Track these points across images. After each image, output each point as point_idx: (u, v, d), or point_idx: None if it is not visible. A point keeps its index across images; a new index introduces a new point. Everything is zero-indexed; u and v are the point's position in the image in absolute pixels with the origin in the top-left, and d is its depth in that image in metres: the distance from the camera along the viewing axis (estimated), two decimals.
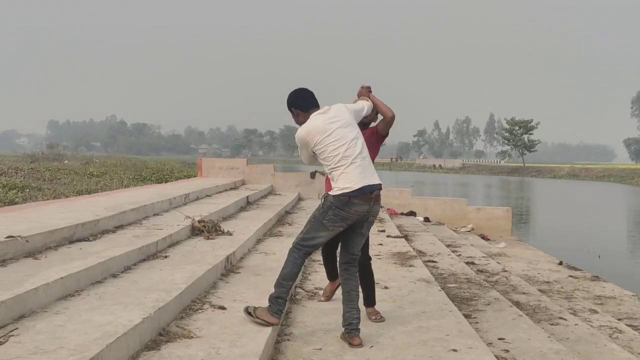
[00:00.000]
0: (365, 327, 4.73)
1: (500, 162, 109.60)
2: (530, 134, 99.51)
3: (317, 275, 6.52)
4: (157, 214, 8.42)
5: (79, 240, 5.92)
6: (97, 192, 10.97)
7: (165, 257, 5.96)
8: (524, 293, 7.51)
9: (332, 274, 5.29)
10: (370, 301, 4.98)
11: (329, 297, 5.42)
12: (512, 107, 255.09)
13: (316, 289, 5.89)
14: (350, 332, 4.25)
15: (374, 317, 4.87)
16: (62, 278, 4.29)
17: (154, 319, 3.92)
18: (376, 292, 5.88)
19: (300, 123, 4.36)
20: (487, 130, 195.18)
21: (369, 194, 4.12)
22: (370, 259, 4.97)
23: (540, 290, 8.03)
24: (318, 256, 7.75)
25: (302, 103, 4.38)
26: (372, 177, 4.15)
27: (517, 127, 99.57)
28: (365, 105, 4.59)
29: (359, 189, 4.09)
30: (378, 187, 4.16)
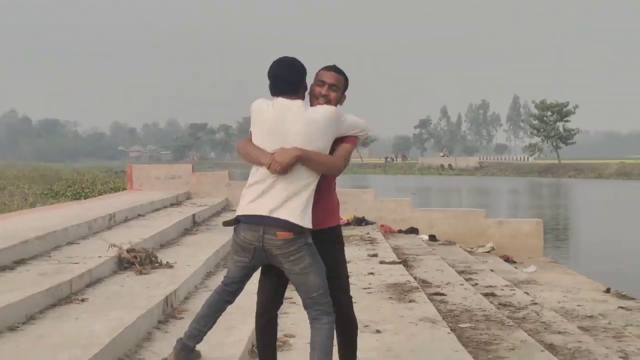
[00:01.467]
0: None
1: (528, 158, 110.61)
2: (567, 120, 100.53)
3: (288, 319, 6.51)
4: (72, 243, 8.35)
5: None
6: None
7: (83, 300, 5.90)
8: (559, 332, 7.56)
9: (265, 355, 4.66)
10: None
11: None
12: (542, 87, 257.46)
13: (286, 336, 5.88)
14: None
15: None
16: None
17: None
18: (365, 339, 5.91)
19: None
20: (511, 117, 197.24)
21: (258, 228, 4.16)
22: (349, 300, 4.58)
23: (581, 328, 8.08)
24: (288, 292, 7.74)
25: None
26: (269, 205, 4.14)
27: (549, 113, 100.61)
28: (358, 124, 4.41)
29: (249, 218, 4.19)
30: (272, 219, 4.11)
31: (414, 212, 16.37)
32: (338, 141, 4.31)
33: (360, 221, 15.03)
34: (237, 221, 4.26)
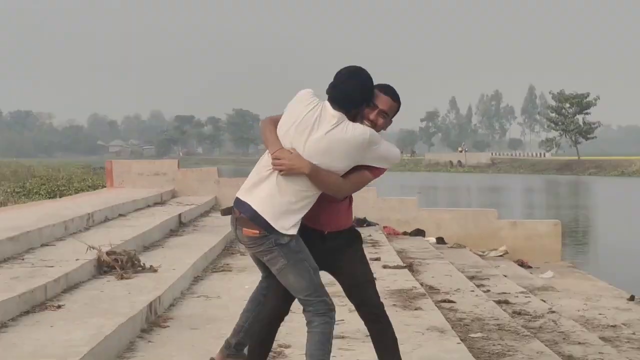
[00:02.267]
0: None
1: (544, 154, 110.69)
2: (587, 113, 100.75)
3: (283, 328, 6.48)
4: (47, 244, 8.35)
5: None
6: None
7: (59, 307, 5.91)
8: (579, 343, 7.55)
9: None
10: None
11: None
12: (560, 77, 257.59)
13: (280, 346, 5.89)
14: None
15: None
16: None
17: None
18: (367, 350, 5.90)
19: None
20: (526, 109, 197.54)
21: (235, 211, 4.38)
22: (378, 311, 4.64)
23: (602, 338, 8.08)
24: None
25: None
26: (253, 195, 4.32)
27: (567, 105, 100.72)
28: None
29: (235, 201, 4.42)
30: (246, 208, 4.28)
31: (420, 213, 16.37)
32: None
33: (361, 222, 14.98)
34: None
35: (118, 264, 7.45)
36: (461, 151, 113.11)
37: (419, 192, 40.86)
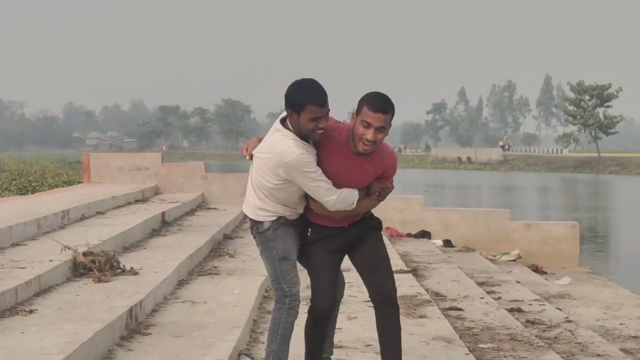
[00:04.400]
0: None
1: (561, 151, 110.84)
2: (608, 106, 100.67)
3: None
4: (18, 244, 8.35)
5: None
6: None
7: (31, 311, 5.90)
8: (598, 355, 7.58)
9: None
10: None
11: None
12: (579, 67, 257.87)
13: (253, 331, 5.94)
14: None
15: None
16: None
17: None
18: (367, 358, 5.93)
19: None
20: (542, 101, 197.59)
21: None
22: (390, 295, 5.04)
23: (624, 350, 8.11)
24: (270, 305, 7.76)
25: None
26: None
27: (587, 97, 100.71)
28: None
29: None
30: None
31: (426, 213, 16.40)
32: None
33: None
34: None
35: (95, 266, 7.44)
36: (503, 146, 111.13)
37: (426, 190, 40.96)
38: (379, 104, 4.70)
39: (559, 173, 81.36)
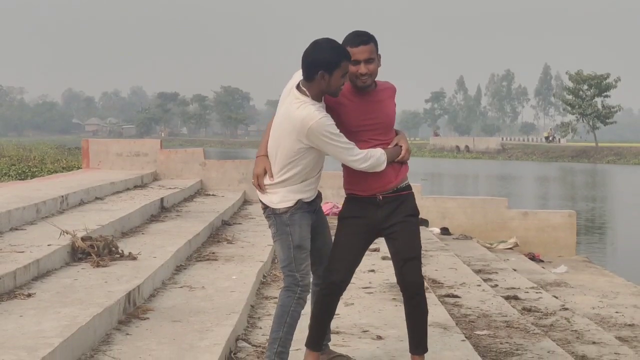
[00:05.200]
0: None
1: (560, 140, 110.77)
2: (606, 96, 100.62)
3: (271, 320, 6.52)
4: (17, 228, 8.35)
5: None
6: None
7: (29, 295, 5.90)
8: (594, 342, 7.59)
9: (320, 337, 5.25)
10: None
11: None
12: (578, 56, 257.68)
13: (251, 317, 5.96)
14: None
15: None
16: None
17: None
18: (365, 345, 5.95)
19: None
20: (540, 91, 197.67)
21: None
22: (414, 288, 5.13)
23: (619, 338, 8.12)
24: (272, 290, 7.78)
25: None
26: None
27: (585, 86, 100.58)
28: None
29: None
30: None
31: (424, 201, 16.38)
32: None
33: None
34: None
35: (94, 251, 7.44)
36: (548, 137, 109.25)
37: (424, 178, 40.90)
38: (358, 38, 4.90)
39: (557, 162, 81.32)
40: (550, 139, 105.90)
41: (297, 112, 4.74)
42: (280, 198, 4.91)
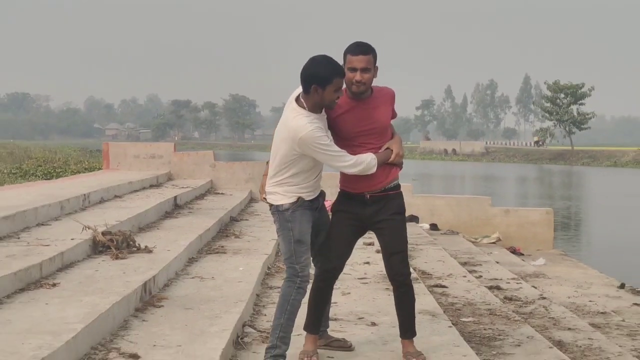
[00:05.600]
0: None
1: (532, 144, 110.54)
2: (581, 104, 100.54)
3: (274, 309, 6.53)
4: (43, 224, 8.34)
5: None
6: None
7: (54, 285, 5.90)
8: (569, 329, 7.60)
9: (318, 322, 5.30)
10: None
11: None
12: (555, 67, 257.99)
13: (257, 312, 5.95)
14: None
15: None
16: None
17: None
18: (360, 331, 5.95)
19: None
20: (521, 99, 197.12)
21: None
22: (401, 278, 5.23)
23: (592, 325, 8.13)
24: (276, 281, 7.78)
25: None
26: None
27: (562, 95, 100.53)
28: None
29: None
30: None
31: (414, 199, 16.36)
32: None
33: None
34: None
35: (113, 244, 7.44)
36: (537, 141, 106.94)
37: (414, 179, 40.86)
38: (358, 48, 4.92)
39: (536, 164, 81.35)
40: (540, 143, 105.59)
41: (292, 122, 4.82)
42: (280, 196, 4.96)
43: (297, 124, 4.78)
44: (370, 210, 5.07)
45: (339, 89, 4.81)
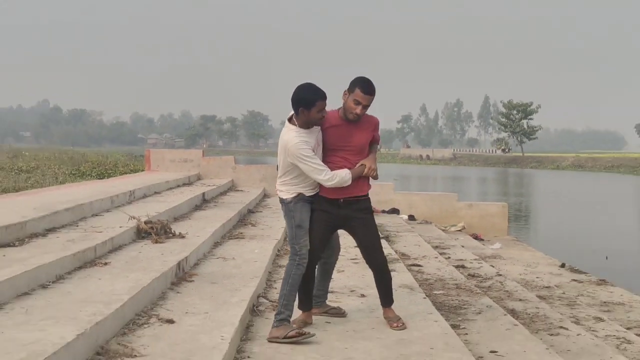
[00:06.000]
0: (340, 340, 4.77)
1: (496, 151, 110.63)
2: (530, 119, 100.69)
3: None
4: (97, 215, 8.34)
5: (1, 246, 5.83)
6: (26, 190, 10.82)
7: (105, 264, 5.91)
8: (520, 300, 7.60)
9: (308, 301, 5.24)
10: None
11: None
12: (511, 89, 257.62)
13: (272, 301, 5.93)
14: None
15: (395, 325, 5.11)
16: None
17: (90, 335, 3.89)
18: (352, 302, 5.94)
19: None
20: (482, 115, 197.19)
21: None
22: (380, 266, 5.26)
23: (539, 297, 8.13)
24: (284, 261, 7.76)
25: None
26: None
27: (515, 111, 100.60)
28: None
29: None
30: None
31: (396, 195, 16.38)
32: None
33: None
34: None
35: (153, 231, 7.44)
36: (504, 149, 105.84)
37: (395, 179, 40.80)
38: (369, 88, 4.89)
39: (494, 167, 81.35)
40: (507, 150, 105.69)
41: (284, 136, 4.91)
42: (285, 193, 5.04)
43: (288, 137, 4.88)
44: (343, 212, 5.04)
45: (322, 109, 4.82)
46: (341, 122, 4.97)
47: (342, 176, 4.91)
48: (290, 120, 4.95)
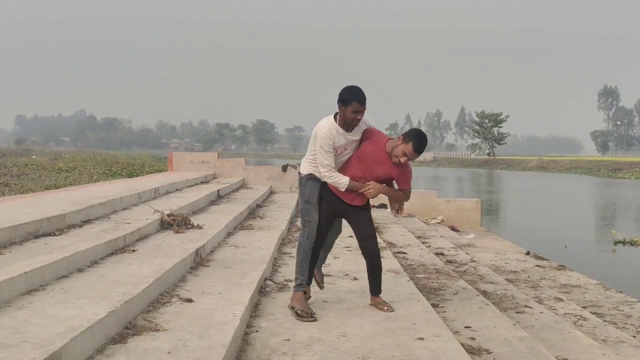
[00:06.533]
0: (335, 317, 4.76)
1: (470, 154, 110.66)
2: (500, 127, 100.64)
3: (287, 268, 6.53)
4: (126, 208, 8.35)
5: (44, 235, 5.84)
6: (66, 187, 10.82)
7: (133, 251, 5.91)
8: (491, 282, 7.61)
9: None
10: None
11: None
12: (483, 101, 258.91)
13: (286, 280, 5.91)
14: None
15: (385, 308, 5.01)
16: (25, 273, 4.23)
17: (120, 312, 3.89)
18: (346, 284, 5.93)
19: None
20: (458, 123, 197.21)
21: None
22: (373, 257, 5.10)
23: (507, 280, 8.14)
24: (288, 249, 7.77)
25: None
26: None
27: (486, 120, 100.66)
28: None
29: None
30: None
31: None
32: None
33: None
34: None
35: (175, 223, 7.44)
36: (489, 153, 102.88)
37: None
38: (421, 148, 4.82)
39: (469, 169, 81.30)
40: (491, 154, 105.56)
41: (321, 123, 4.79)
42: (304, 169, 4.98)
43: (321, 123, 4.77)
44: (343, 206, 4.99)
45: (357, 111, 4.65)
46: (381, 150, 4.86)
47: (340, 181, 4.82)
48: (335, 115, 4.83)
